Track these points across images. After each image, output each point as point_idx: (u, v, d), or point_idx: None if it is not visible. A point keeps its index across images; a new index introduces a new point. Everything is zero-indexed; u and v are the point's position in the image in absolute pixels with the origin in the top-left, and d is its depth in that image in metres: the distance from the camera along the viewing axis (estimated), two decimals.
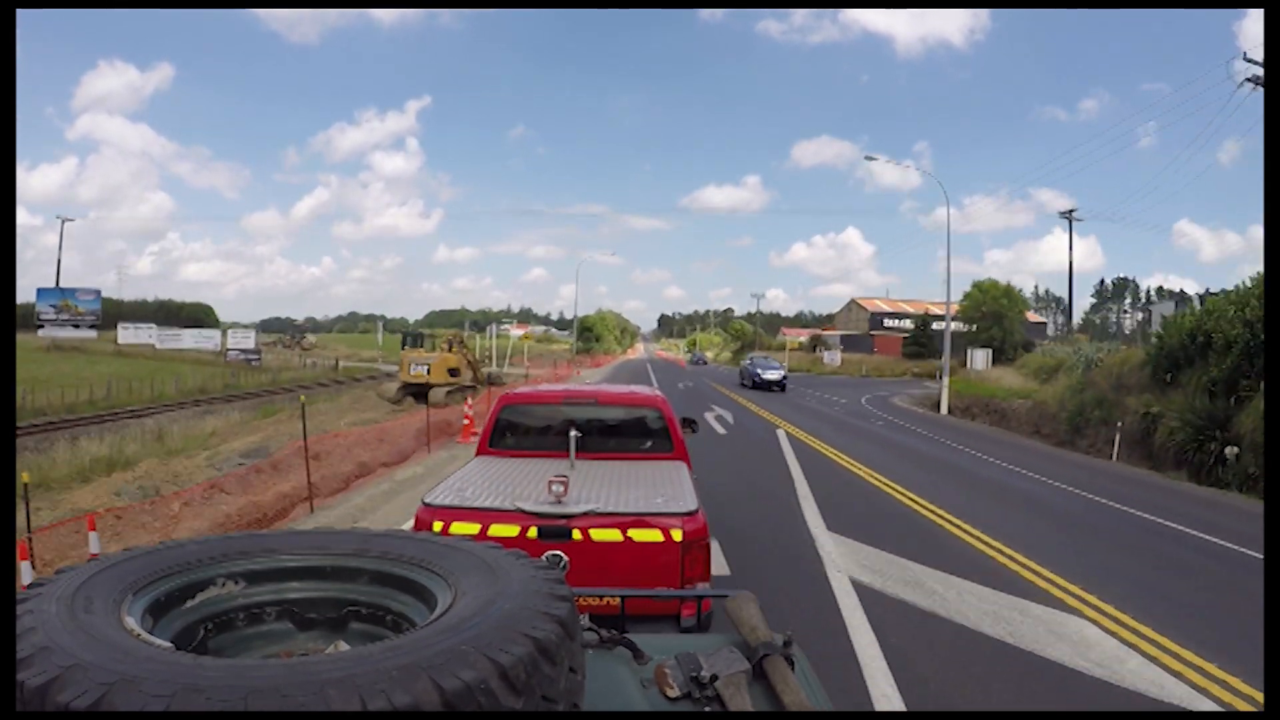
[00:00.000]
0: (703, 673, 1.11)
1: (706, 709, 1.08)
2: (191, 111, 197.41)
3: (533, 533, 3.44)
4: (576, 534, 3.44)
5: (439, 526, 3.39)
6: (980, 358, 38.89)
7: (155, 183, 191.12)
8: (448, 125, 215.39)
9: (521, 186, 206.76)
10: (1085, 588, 6.09)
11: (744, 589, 1.37)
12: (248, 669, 0.77)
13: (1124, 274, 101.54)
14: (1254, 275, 14.79)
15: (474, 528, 3.42)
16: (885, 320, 72.12)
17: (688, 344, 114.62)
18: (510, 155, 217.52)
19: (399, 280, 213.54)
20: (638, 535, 3.46)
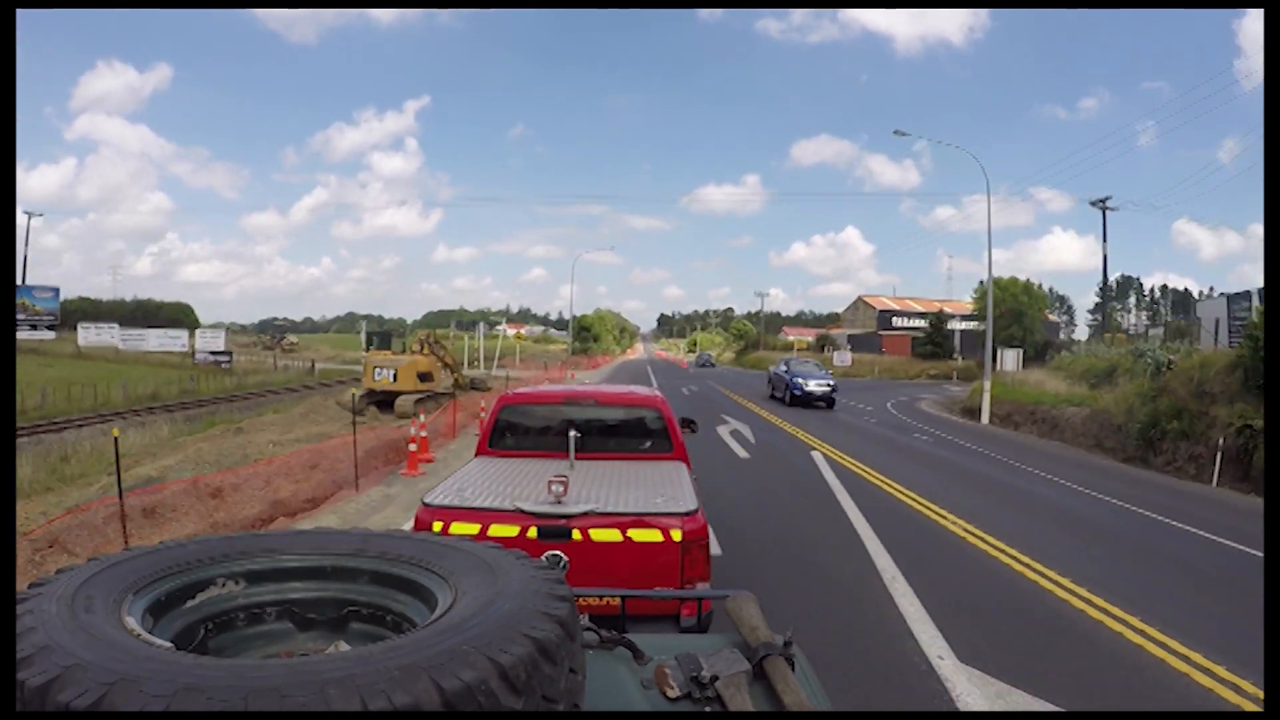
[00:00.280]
0: (703, 673, 1.11)
1: (706, 709, 1.07)
2: (190, 112, 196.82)
3: (532, 533, 3.44)
4: (576, 534, 3.44)
5: (439, 526, 3.40)
6: (1011, 358, 35.53)
7: (154, 183, 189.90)
8: (447, 125, 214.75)
9: (521, 186, 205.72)
10: None
11: (743, 589, 1.36)
12: (248, 669, 0.77)
13: (1125, 273, 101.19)
14: None
15: (474, 528, 3.42)
16: (894, 319, 69.96)
17: (688, 344, 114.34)
18: (510, 155, 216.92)
19: (398, 280, 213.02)
20: (637, 535, 3.46)
